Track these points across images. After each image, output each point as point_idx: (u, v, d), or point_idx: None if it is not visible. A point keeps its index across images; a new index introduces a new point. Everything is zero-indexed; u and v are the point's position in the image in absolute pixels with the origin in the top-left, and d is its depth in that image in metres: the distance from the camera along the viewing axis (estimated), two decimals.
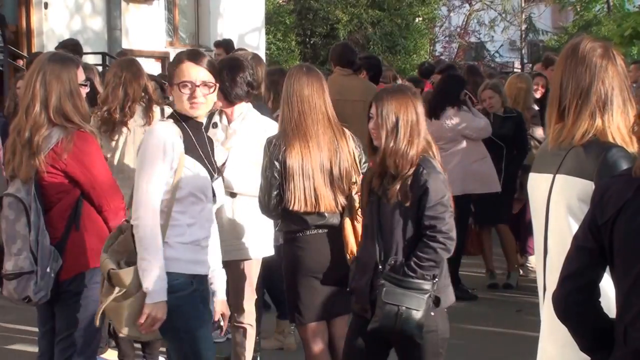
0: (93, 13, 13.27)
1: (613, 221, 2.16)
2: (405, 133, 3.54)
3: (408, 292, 3.47)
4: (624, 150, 2.55)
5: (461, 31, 28.15)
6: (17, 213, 3.61)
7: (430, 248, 3.50)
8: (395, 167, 3.54)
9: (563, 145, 2.67)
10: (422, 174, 3.51)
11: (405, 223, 3.55)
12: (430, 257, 3.50)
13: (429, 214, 3.50)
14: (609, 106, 2.65)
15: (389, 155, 3.54)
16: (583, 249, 2.26)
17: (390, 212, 3.56)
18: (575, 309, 2.28)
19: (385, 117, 3.56)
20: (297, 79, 4.10)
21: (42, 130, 3.64)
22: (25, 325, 5.98)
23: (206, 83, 3.37)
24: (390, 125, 3.55)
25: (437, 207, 3.50)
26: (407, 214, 3.54)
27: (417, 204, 3.52)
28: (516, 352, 5.53)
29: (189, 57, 3.44)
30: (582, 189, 2.57)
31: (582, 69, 2.67)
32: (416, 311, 3.45)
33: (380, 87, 7.36)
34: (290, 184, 4.02)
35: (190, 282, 3.38)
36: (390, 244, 3.57)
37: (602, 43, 2.74)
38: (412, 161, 3.54)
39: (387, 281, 3.52)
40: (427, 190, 3.49)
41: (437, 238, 3.50)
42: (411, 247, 3.53)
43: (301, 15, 20.81)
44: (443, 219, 3.51)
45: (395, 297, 3.47)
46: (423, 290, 3.48)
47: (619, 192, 2.17)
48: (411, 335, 3.47)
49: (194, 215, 3.38)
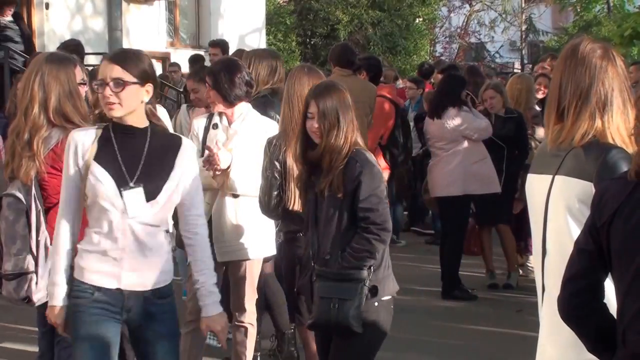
0: (94, 13, 13.28)
1: (609, 223, 2.17)
2: (346, 129, 3.56)
3: (340, 283, 3.48)
4: (624, 152, 2.55)
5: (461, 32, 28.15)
6: (17, 213, 3.61)
7: (364, 239, 3.50)
8: (330, 162, 3.55)
9: (562, 146, 2.66)
10: (355, 166, 3.51)
11: (340, 216, 3.55)
12: (365, 248, 3.49)
13: (363, 206, 3.50)
14: (608, 107, 2.64)
15: (327, 151, 3.55)
16: (584, 251, 2.27)
17: (326, 206, 3.58)
18: (577, 311, 2.29)
19: (328, 115, 3.56)
20: (298, 79, 4.12)
21: (41, 132, 3.64)
22: (25, 325, 5.98)
23: (118, 80, 3.09)
24: (332, 123, 3.56)
25: (371, 199, 3.50)
26: (341, 206, 3.54)
27: (351, 197, 3.52)
28: (516, 352, 5.53)
29: (107, 56, 3.35)
30: (581, 190, 2.57)
31: (581, 69, 2.66)
32: (350, 301, 3.43)
33: (380, 88, 7.41)
34: (290, 184, 4.04)
35: (92, 292, 3.21)
36: (325, 238, 3.57)
37: (601, 44, 2.74)
38: (345, 155, 3.54)
39: (320, 276, 3.54)
40: (360, 183, 3.49)
41: (371, 229, 3.49)
42: (347, 239, 3.52)
43: (302, 16, 20.82)
44: (377, 210, 3.51)
45: (328, 290, 3.49)
46: (356, 280, 3.47)
47: (616, 195, 2.18)
48: (348, 325, 3.44)
49: (101, 225, 3.18)
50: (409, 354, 5.72)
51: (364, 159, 3.55)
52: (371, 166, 3.56)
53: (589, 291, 2.27)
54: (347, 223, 3.53)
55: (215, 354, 5.44)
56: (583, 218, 2.47)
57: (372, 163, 3.58)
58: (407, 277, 7.78)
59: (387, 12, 20.97)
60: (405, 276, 7.73)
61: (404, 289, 7.35)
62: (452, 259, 7.20)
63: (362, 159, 3.55)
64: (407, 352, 5.75)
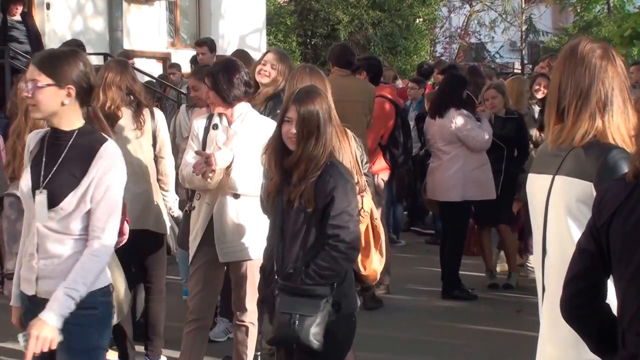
0: (95, 14, 13.28)
1: (608, 224, 2.18)
2: (326, 139, 3.44)
3: (302, 299, 3.34)
4: (624, 152, 2.55)
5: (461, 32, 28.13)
6: (19, 213, 3.64)
7: (331, 258, 3.36)
8: (305, 171, 3.41)
9: (563, 146, 2.66)
10: (329, 180, 3.38)
11: (307, 229, 3.41)
12: (331, 267, 3.35)
13: (333, 223, 3.35)
14: (609, 107, 2.64)
15: (303, 160, 3.42)
16: (585, 252, 2.28)
17: (294, 217, 3.43)
18: (579, 311, 2.30)
19: (308, 121, 3.43)
20: (300, 79, 4.12)
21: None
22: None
23: (33, 81, 3.02)
24: (311, 130, 3.42)
25: (343, 216, 3.36)
26: (310, 220, 3.40)
27: (321, 212, 3.38)
28: (516, 352, 5.53)
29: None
30: (581, 190, 2.57)
31: (581, 69, 2.66)
32: (310, 317, 3.30)
33: (381, 88, 7.41)
34: None
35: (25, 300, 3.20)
36: (291, 250, 3.43)
37: (601, 44, 2.74)
38: (320, 166, 3.42)
39: (281, 290, 3.41)
40: (333, 199, 3.35)
41: (339, 248, 3.35)
42: (312, 254, 3.38)
43: (302, 16, 20.81)
44: (347, 228, 3.37)
45: (288, 305, 3.35)
46: (318, 296, 3.34)
47: (615, 196, 2.19)
48: (307, 343, 3.31)
49: (27, 229, 3.16)
50: (408, 353, 5.74)
51: (338, 173, 3.42)
52: (345, 181, 3.42)
53: (590, 291, 2.28)
54: (314, 238, 3.40)
55: (217, 353, 5.46)
56: (583, 218, 2.48)
57: (346, 178, 3.45)
58: (407, 277, 7.81)
59: (387, 13, 20.96)
60: (405, 276, 7.78)
61: (404, 289, 7.45)
62: (452, 259, 7.22)
63: (336, 173, 3.42)
64: (407, 351, 5.76)
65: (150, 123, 5.14)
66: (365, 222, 4.08)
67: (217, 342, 5.71)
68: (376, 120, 6.87)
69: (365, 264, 4.09)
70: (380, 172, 7.18)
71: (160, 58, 14.71)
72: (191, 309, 4.64)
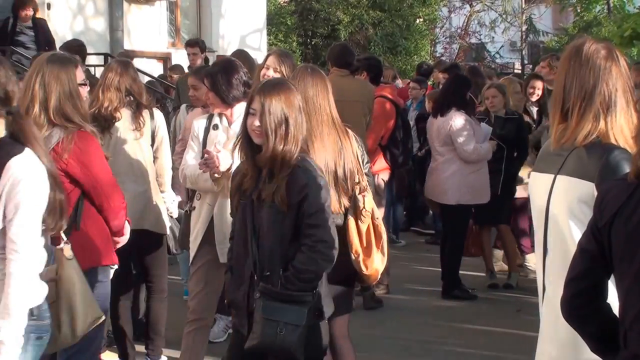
0: (95, 14, 13.28)
1: (610, 224, 2.18)
2: (295, 134, 3.33)
3: (287, 305, 3.20)
4: (626, 153, 2.55)
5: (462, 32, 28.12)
6: None
7: (310, 259, 3.22)
8: (276, 168, 3.29)
9: (565, 145, 2.67)
10: (301, 177, 3.25)
11: (282, 229, 3.27)
12: (311, 269, 3.22)
13: (310, 222, 3.22)
14: (612, 108, 2.65)
15: (274, 156, 3.29)
16: (586, 251, 2.28)
17: (266, 216, 3.29)
18: (579, 311, 2.30)
19: (273, 114, 3.30)
20: (301, 79, 4.10)
21: (42, 131, 3.66)
22: None
23: None
24: (277, 124, 3.30)
25: (318, 215, 3.23)
26: (284, 219, 3.26)
27: (295, 209, 3.24)
28: (516, 352, 5.55)
29: None
30: (583, 190, 2.58)
31: (586, 70, 2.67)
32: (296, 326, 3.19)
33: (381, 88, 7.42)
34: None
35: None
36: (265, 251, 3.29)
37: (605, 44, 2.75)
38: (291, 162, 3.30)
39: (264, 294, 3.24)
40: (307, 196, 3.22)
41: (317, 248, 3.22)
42: (289, 255, 3.25)
43: (302, 16, 20.82)
44: (324, 226, 3.24)
45: (273, 311, 3.20)
46: (304, 303, 3.22)
47: (617, 196, 2.19)
48: (291, 351, 3.23)
49: None
50: (408, 353, 5.74)
51: (309, 169, 3.30)
52: (317, 177, 3.30)
53: (591, 291, 2.28)
54: (289, 237, 3.25)
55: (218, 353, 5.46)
56: (584, 218, 2.49)
57: (317, 173, 3.31)
58: (407, 277, 7.82)
59: (387, 13, 20.95)
60: (405, 276, 7.79)
61: (404, 289, 7.45)
62: (452, 259, 7.23)
63: (307, 169, 3.29)
64: (407, 351, 5.77)
65: (149, 124, 5.14)
66: (366, 222, 4.07)
67: (217, 343, 5.70)
68: (376, 120, 6.87)
69: (367, 264, 4.08)
70: (380, 172, 7.19)
71: (160, 58, 14.72)
72: (192, 308, 4.64)
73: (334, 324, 4.23)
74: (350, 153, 4.11)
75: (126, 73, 5.09)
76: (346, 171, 4.05)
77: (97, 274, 3.76)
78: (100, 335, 4.01)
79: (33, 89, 3.74)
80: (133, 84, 5.10)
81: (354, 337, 4.42)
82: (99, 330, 3.86)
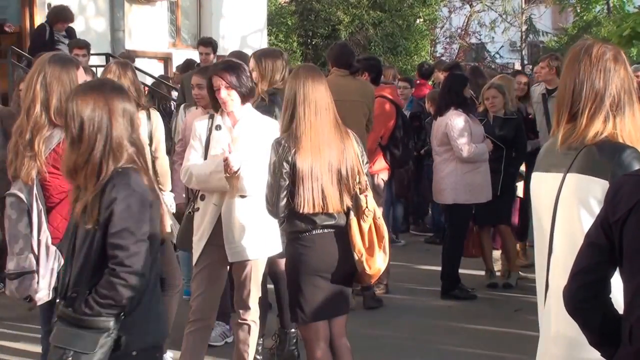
0: (96, 14, 13.29)
1: (624, 221, 2.18)
2: (94, 142, 2.95)
3: (81, 331, 2.90)
4: (637, 152, 2.58)
5: (462, 32, 28.14)
6: (19, 213, 3.64)
7: (109, 283, 2.87)
8: (85, 181, 2.96)
9: (574, 145, 2.68)
10: (110, 192, 2.89)
11: (90, 248, 2.94)
12: (109, 294, 2.86)
13: (112, 242, 2.87)
14: (621, 109, 2.68)
15: (76, 168, 2.97)
16: (594, 245, 2.28)
17: (81, 234, 2.99)
18: (584, 304, 2.30)
19: (71, 118, 2.97)
20: (305, 80, 4.12)
21: (43, 131, 3.67)
22: (28, 324, 6.02)
23: None
24: (75, 130, 2.96)
25: (123, 234, 2.86)
26: (93, 237, 2.93)
27: (103, 228, 2.91)
28: (516, 352, 5.57)
29: None
30: (596, 187, 2.58)
31: (596, 72, 2.69)
32: (86, 354, 2.87)
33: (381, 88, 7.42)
34: (300, 187, 4.04)
35: None
36: (77, 272, 2.99)
37: (612, 46, 2.78)
38: (102, 175, 2.95)
39: (60, 318, 2.98)
40: (112, 213, 2.87)
41: (117, 272, 2.85)
42: (97, 278, 2.91)
43: (303, 17, 20.83)
44: (127, 249, 2.86)
45: (63, 337, 2.93)
46: (99, 329, 2.89)
47: (631, 192, 2.19)
48: None
49: None
50: (408, 353, 5.75)
51: (123, 183, 2.91)
52: (130, 192, 2.91)
53: (596, 285, 2.28)
54: (97, 258, 2.92)
55: (217, 354, 5.47)
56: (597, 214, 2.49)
57: (132, 188, 2.91)
58: (407, 276, 7.84)
59: (388, 13, 20.97)
60: (405, 276, 7.81)
61: (403, 288, 7.47)
62: (452, 258, 7.24)
63: (120, 182, 2.91)
64: (407, 351, 5.78)
65: (146, 124, 5.17)
66: (368, 222, 4.11)
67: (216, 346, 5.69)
68: (376, 120, 6.89)
69: (370, 263, 4.11)
70: (380, 171, 7.21)
71: (161, 58, 14.73)
72: (193, 309, 4.65)
73: (332, 324, 4.25)
74: (351, 152, 4.15)
75: (124, 75, 5.12)
76: (348, 170, 4.11)
77: None
78: None
79: (34, 89, 3.75)
80: (131, 85, 5.11)
81: (353, 336, 4.45)
82: None
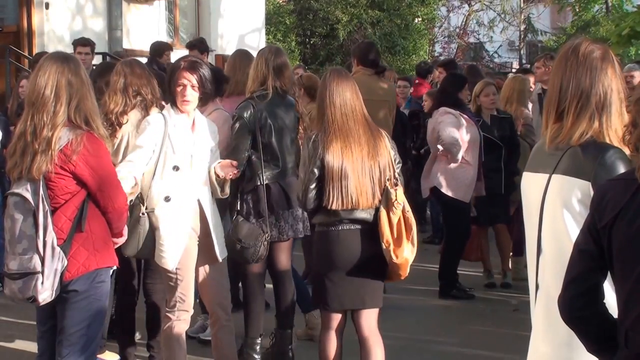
0: (94, 13, 13.27)
1: (611, 225, 2.18)
2: None
3: None
4: (621, 152, 2.57)
5: (460, 31, 28.14)
6: (24, 213, 3.62)
7: None
8: None
9: (560, 145, 2.68)
10: None
11: None
12: None
13: None
14: (607, 108, 2.67)
15: None
16: (584, 252, 2.28)
17: None
18: (581, 312, 2.30)
19: None
20: (337, 82, 4.30)
21: (59, 130, 3.65)
22: (26, 324, 6.02)
23: None
24: None
25: None
26: None
27: None
28: (513, 351, 5.56)
29: None
30: (579, 189, 2.58)
31: (582, 70, 2.69)
32: None
33: None
34: (329, 185, 4.20)
35: None
36: None
37: (600, 45, 2.77)
38: None
39: None
40: None
41: None
42: None
43: (301, 16, 20.82)
44: None
45: None
46: None
47: (617, 196, 2.18)
48: None
49: None
50: (406, 352, 5.76)
51: None
52: None
53: (591, 293, 2.28)
54: None
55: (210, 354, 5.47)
56: (580, 217, 2.49)
57: None
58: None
59: (386, 12, 20.96)
60: None
61: (401, 288, 7.46)
62: (450, 258, 7.24)
63: None
64: (404, 350, 5.78)
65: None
66: (397, 214, 4.26)
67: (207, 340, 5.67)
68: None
69: (397, 253, 4.25)
70: None
71: None
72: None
73: (361, 315, 4.34)
74: (383, 150, 4.31)
75: (132, 74, 5.05)
76: (381, 167, 4.27)
77: (100, 275, 3.77)
78: (99, 336, 4.02)
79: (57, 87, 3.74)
80: (140, 83, 5.05)
81: (350, 336, 4.45)
82: (99, 331, 3.88)
